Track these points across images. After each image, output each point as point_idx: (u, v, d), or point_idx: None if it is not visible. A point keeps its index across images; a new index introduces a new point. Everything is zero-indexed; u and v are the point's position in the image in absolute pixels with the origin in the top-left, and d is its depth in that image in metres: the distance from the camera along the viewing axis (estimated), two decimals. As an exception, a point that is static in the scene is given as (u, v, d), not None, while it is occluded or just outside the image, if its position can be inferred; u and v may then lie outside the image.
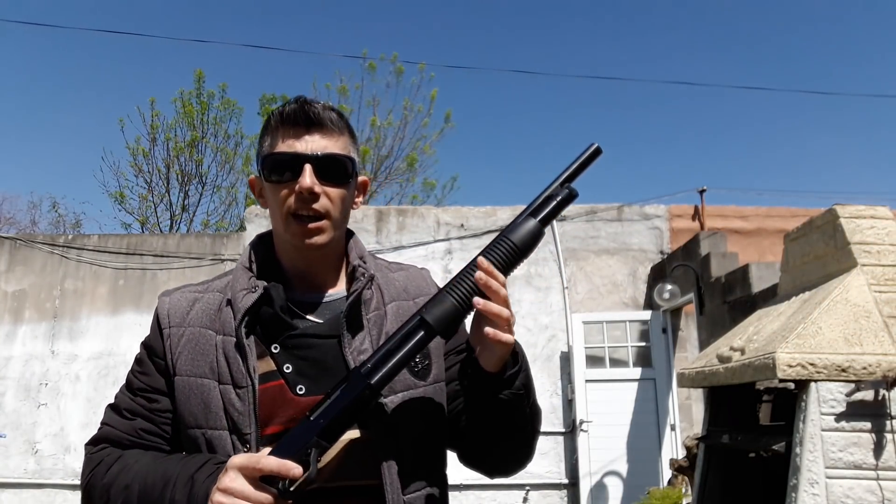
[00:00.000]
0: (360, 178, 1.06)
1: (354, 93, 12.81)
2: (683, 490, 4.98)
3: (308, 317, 0.99)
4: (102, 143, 29.12)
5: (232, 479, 0.80)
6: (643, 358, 6.51)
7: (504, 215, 7.12)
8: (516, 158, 28.92)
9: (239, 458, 0.82)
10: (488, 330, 0.86)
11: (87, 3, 26.77)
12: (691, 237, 6.17)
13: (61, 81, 27.38)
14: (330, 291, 1.03)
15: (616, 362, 6.54)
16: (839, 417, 2.33)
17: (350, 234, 1.09)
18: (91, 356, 6.82)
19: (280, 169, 0.96)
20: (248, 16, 26.42)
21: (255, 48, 28.64)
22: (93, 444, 0.99)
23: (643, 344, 6.52)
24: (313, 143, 0.96)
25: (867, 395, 2.32)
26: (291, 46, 30.10)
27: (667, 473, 5.80)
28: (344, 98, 12.98)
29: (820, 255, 2.95)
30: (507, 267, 0.89)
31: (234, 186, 13.35)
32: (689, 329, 6.47)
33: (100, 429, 1.00)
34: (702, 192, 7.20)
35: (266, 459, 0.81)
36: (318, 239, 0.97)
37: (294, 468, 0.80)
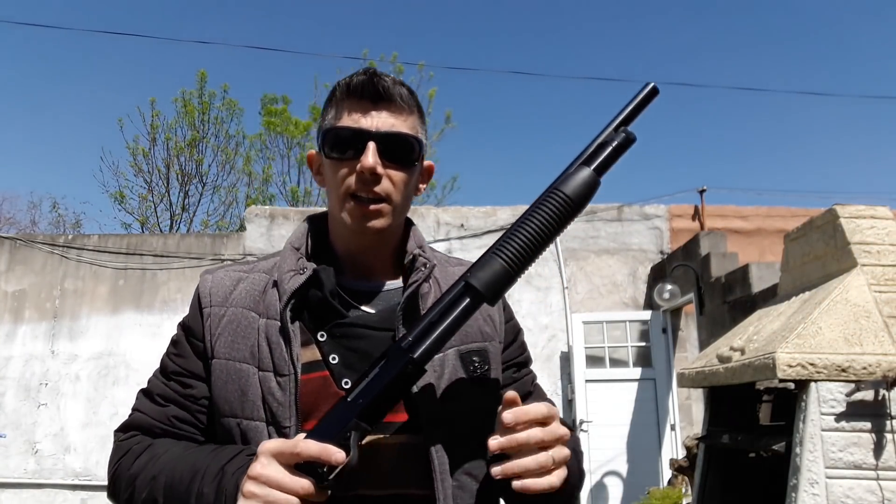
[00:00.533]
0: (426, 163, 0.99)
1: (354, 93, 12.80)
2: (683, 490, 4.98)
3: (359, 306, 0.91)
4: (103, 143, 29.15)
5: (264, 466, 0.72)
6: (643, 358, 6.51)
7: (504, 215, 7.12)
8: (516, 158, 28.96)
9: (272, 443, 0.74)
10: (515, 483, 0.76)
11: (87, 3, 26.78)
12: (691, 237, 6.17)
13: (62, 81, 27.41)
14: (385, 281, 0.95)
15: (616, 362, 6.54)
16: (839, 417, 2.33)
17: (409, 222, 1.01)
18: (91, 356, 6.82)
19: (342, 145, 0.89)
20: (249, 17, 26.44)
21: (255, 49, 28.63)
22: (122, 430, 0.93)
23: (643, 344, 6.52)
24: (379, 120, 0.88)
25: (867, 395, 2.32)
26: (292, 47, 30.11)
27: (667, 473, 5.80)
28: (344, 98, 12.99)
29: (820, 255, 2.95)
30: (560, 223, 0.79)
31: (234, 186, 13.37)
32: (689, 329, 6.47)
33: (130, 415, 0.93)
34: (702, 192, 7.21)
35: (304, 443, 0.72)
36: (377, 223, 0.89)
37: (336, 453, 0.72)
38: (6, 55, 27.11)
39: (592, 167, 0.81)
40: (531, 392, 1.02)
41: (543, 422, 0.77)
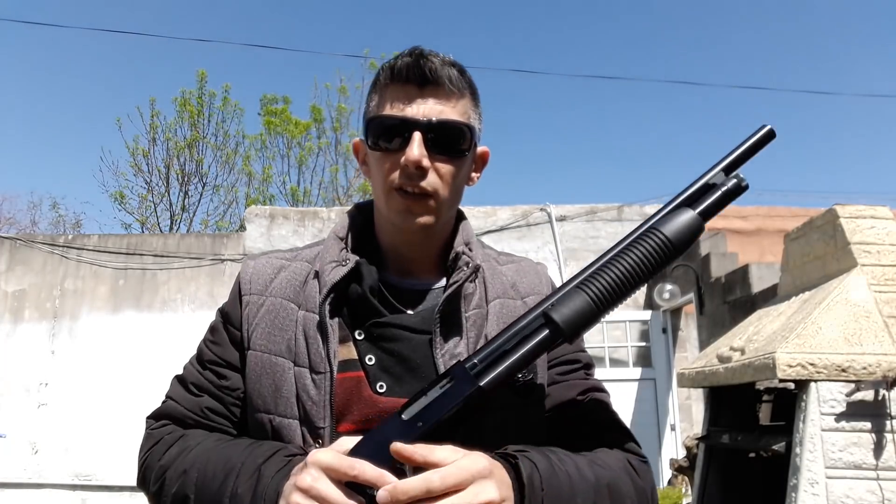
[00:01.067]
0: (479, 150, 0.91)
1: (355, 92, 12.85)
2: (683, 490, 4.98)
3: (399, 305, 0.85)
4: (103, 143, 29.15)
5: (315, 479, 0.66)
6: (643, 358, 6.51)
7: (504, 215, 7.12)
8: (516, 158, 28.95)
9: (324, 456, 0.66)
10: None
11: (87, 2, 26.78)
12: (691, 237, 6.16)
13: (62, 81, 27.40)
14: (430, 280, 0.89)
15: (616, 362, 6.54)
16: (839, 417, 2.33)
17: (460, 216, 0.94)
18: (91, 356, 6.82)
19: (386, 136, 0.83)
20: (249, 16, 26.44)
21: (255, 48, 28.65)
22: (154, 418, 0.89)
23: (643, 344, 6.52)
24: (426, 107, 0.82)
25: (867, 395, 2.32)
26: (292, 46, 30.13)
27: (667, 473, 5.80)
28: (344, 97, 13.01)
29: (820, 255, 2.95)
30: (656, 266, 0.73)
31: (234, 187, 13.37)
32: (689, 329, 6.47)
33: (163, 402, 0.90)
34: (702, 192, 7.20)
35: (362, 466, 0.65)
36: (423, 220, 0.84)
37: (394, 483, 0.64)
38: (6, 55, 27.12)
39: (697, 210, 0.74)
40: (578, 401, 0.88)
41: (451, 490, 0.63)
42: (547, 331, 0.71)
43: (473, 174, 0.92)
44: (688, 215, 0.74)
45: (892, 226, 2.78)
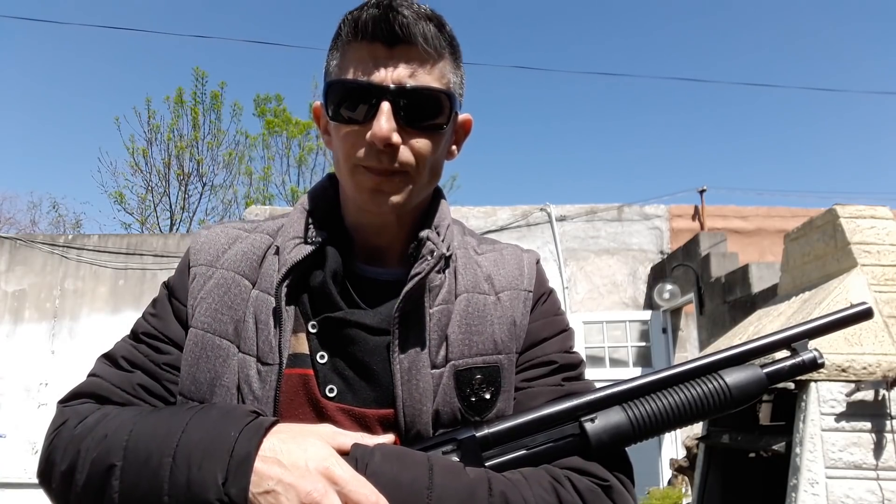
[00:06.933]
0: (460, 118, 0.80)
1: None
2: (683, 490, 4.98)
3: (360, 298, 0.74)
4: (102, 143, 29.18)
5: (324, 495, 0.57)
6: (643, 358, 6.51)
7: (504, 215, 7.12)
8: (516, 158, 28.96)
9: (344, 469, 0.58)
10: None
11: (87, 1, 26.79)
12: (691, 237, 6.17)
13: (62, 80, 27.40)
14: (401, 270, 0.76)
15: (616, 362, 6.54)
16: (839, 417, 2.33)
17: (438, 194, 0.82)
18: (91, 356, 6.80)
19: (349, 103, 0.71)
20: (250, 14, 26.45)
21: (256, 44, 28.68)
22: (67, 399, 0.74)
23: (643, 344, 6.52)
24: (396, 72, 0.69)
25: (867, 395, 2.32)
26: (289, 42, 30.13)
27: (667, 473, 5.80)
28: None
29: (820, 255, 2.95)
30: (708, 411, 0.69)
31: (233, 186, 13.38)
32: (689, 329, 6.47)
33: (82, 381, 0.75)
34: (702, 192, 7.21)
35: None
36: (395, 199, 0.72)
37: None
38: (6, 53, 27.13)
39: (765, 371, 0.71)
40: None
41: None
42: (573, 437, 0.68)
43: (453, 147, 0.81)
44: (755, 372, 0.71)
45: (892, 226, 2.78)
